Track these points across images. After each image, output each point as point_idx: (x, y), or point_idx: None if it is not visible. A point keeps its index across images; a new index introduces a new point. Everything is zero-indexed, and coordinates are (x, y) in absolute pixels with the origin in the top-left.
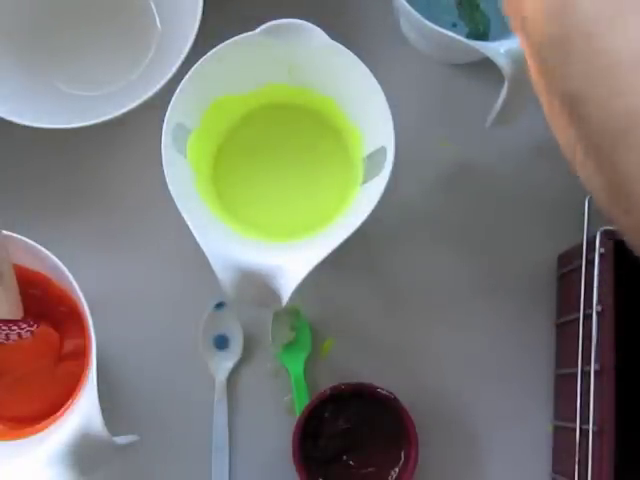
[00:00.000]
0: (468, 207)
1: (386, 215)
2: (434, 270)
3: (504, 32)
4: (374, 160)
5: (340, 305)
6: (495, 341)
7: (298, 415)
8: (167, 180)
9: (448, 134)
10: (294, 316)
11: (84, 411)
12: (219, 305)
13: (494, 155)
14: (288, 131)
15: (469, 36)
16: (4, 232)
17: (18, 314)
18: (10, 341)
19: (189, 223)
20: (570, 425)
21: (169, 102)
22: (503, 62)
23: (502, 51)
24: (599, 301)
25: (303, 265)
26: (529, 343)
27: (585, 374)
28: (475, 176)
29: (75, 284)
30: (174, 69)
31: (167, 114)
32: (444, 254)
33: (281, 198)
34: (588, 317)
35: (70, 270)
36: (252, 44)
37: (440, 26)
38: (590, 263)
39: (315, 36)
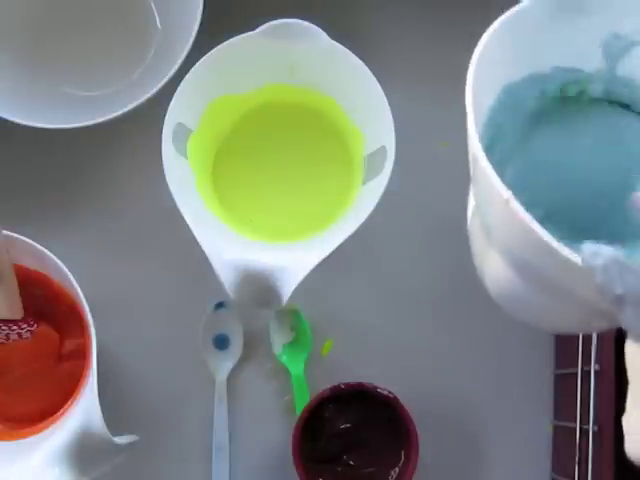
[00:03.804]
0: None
1: (386, 215)
2: (434, 270)
3: None
4: (374, 160)
5: (340, 305)
6: (495, 341)
7: (298, 415)
8: (167, 180)
9: (448, 134)
10: (294, 316)
11: (84, 411)
12: (219, 305)
13: None
14: (288, 131)
15: None
16: (4, 232)
17: (18, 314)
18: (10, 341)
19: (189, 223)
20: (570, 425)
21: (169, 102)
22: None
23: None
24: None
25: (303, 265)
26: (529, 343)
27: (585, 374)
28: None
29: (75, 284)
30: (174, 69)
31: (167, 114)
32: (444, 253)
33: (281, 198)
34: None
35: (70, 270)
36: (252, 44)
37: None
38: None
39: (315, 36)
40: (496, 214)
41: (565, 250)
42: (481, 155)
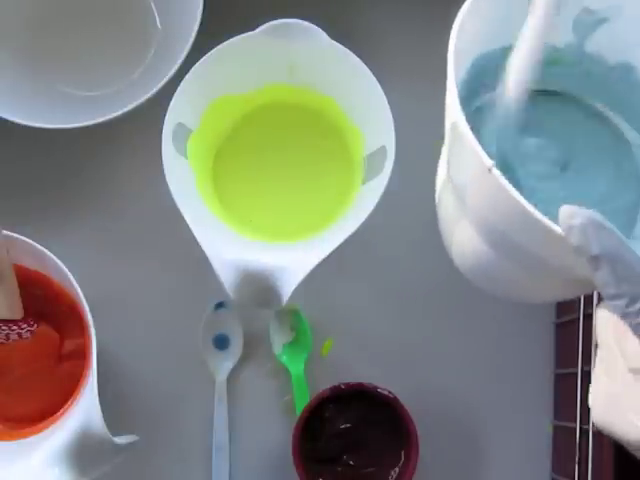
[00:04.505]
0: None
1: (386, 214)
2: (434, 270)
3: None
4: (374, 160)
5: (340, 305)
6: (495, 341)
7: (298, 415)
8: (167, 180)
9: None
10: (294, 316)
11: (84, 411)
12: (219, 305)
13: None
14: (288, 131)
15: None
16: (4, 232)
17: (18, 314)
18: (10, 341)
19: (189, 223)
20: (570, 425)
21: (169, 102)
22: None
23: None
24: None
25: (303, 265)
26: (529, 343)
27: (585, 374)
28: None
29: (75, 284)
30: (174, 69)
31: (167, 114)
32: (444, 253)
33: (281, 198)
34: (588, 317)
35: (70, 270)
36: (252, 44)
37: None
38: None
39: (315, 36)
40: (474, 183)
41: (545, 218)
42: (463, 123)
